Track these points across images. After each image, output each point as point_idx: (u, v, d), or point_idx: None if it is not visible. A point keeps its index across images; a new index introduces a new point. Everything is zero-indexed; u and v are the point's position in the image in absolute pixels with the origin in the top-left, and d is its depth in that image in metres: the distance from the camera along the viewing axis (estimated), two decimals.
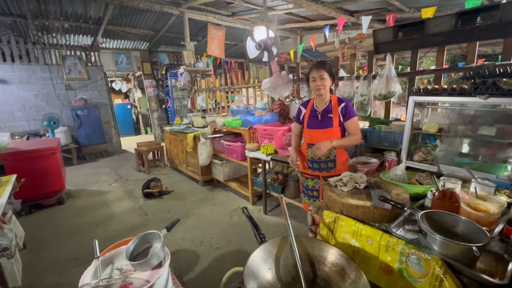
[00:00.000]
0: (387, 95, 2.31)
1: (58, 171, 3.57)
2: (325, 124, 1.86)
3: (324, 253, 0.98)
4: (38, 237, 2.78)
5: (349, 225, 1.16)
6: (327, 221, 1.25)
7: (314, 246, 1.01)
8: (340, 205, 1.22)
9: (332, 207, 1.29)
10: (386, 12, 4.99)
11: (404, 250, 0.97)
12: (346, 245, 1.15)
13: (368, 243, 1.08)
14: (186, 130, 4.42)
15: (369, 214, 1.15)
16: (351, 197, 1.24)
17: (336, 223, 1.22)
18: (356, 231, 1.13)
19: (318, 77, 1.79)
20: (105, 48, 6.99)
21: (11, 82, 5.59)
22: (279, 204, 3.29)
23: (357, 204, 1.16)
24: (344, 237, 1.16)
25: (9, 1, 4.31)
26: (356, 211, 1.17)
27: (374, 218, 1.15)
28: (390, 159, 1.94)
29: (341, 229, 1.18)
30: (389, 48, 2.30)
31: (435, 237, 0.91)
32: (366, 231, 1.10)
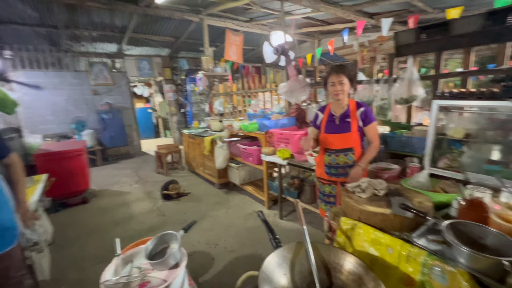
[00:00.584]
0: (409, 99, 2.23)
1: (84, 171, 3.77)
2: (343, 129, 1.83)
3: (341, 260, 0.96)
4: (63, 234, 2.93)
5: (367, 232, 1.12)
6: (344, 228, 1.22)
7: (330, 253, 0.99)
8: (358, 212, 1.19)
9: (349, 213, 1.25)
10: (407, 13, 4.84)
11: (427, 261, 0.93)
12: (364, 253, 1.11)
13: (388, 252, 1.04)
14: (203, 134, 4.51)
15: (389, 222, 1.10)
16: (369, 204, 1.20)
17: (353, 230, 1.18)
18: (374, 239, 1.09)
19: (337, 82, 1.76)
20: (129, 55, 7.32)
21: (45, 87, 6.00)
22: (295, 209, 3.25)
23: (376, 212, 1.12)
24: (362, 245, 1.13)
25: (44, 13, 4.65)
26: (375, 219, 1.13)
27: (394, 226, 1.10)
28: (412, 165, 1.86)
29: (359, 237, 1.15)
30: (411, 50, 2.23)
31: (462, 249, 0.86)
32: (385, 239, 1.06)
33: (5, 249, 1.36)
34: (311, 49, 7.77)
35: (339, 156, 1.85)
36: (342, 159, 1.85)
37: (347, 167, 1.85)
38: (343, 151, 1.84)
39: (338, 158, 1.86)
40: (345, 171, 1.85)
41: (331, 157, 1.89)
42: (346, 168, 1.85)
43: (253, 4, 4.70)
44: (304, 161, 2.55)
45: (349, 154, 1.83)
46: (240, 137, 3.97)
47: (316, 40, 7.48)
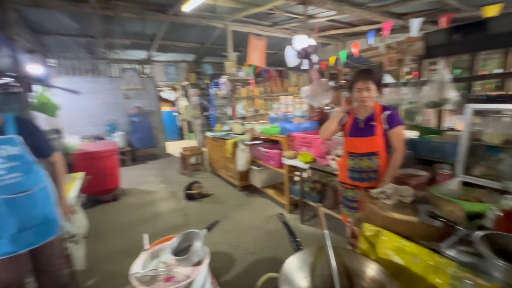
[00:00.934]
0: (440, 103, 2.12)
1: (115, 170, 4.03)
2: (367, 133, 1.78)
3: (363, 267, 0.94)
4: (97, 229, 3.14)
5: (392, 240, 1.09)
6: (368, 235, 1.19)
7: (352, 259, 0.98)
8: (383, 219, 1.16)
9: (373, 220, 1.22)
10: (439, 12, 4.60)
11: (457, 273, 0.88)
12: (388, 261, 1.08)
13: (414, 262, 1.00)
14: (226, 137, 4.61)
15: (416, 231, 1.06)
16: (395, 211, 1.16)
17: (377, 237, 1.15)
18: (400, 247, 1.05)
19: (364, 88, 1.71)
20: (157, 61, 7.72)
21: (82, 92, 6.49)
22: (316, 214, 3.20)
23: (401, 219, 1.09)
24: (386, 253, 1.10)
25: (84, 24, 5.08)
26: (400, 226, 1.10)
27: (421, 235, 1.06)
28: (442, 172, 1.77)
29: (383, 244, 1.12)
30: (442, 51, 2.12)
31: (497, 263, 0.81)
32: (411, 248, 1.02)
33: (49, 238, 1.50)
34: (335, 51, 7.64)
35: (363, 160, 1.81)
36: (366, 163, 1.81)
37: (371, 172, 1.80)
38: (367, 155, 1.79)
39: (362, 162, 1.82)
40: (369, 175, 1.81)
41: (354, 161, 1.85)
42: (370, 172, 1.80)
43: (277, 9, 4.75)
44: (326, 166, 2.51)
45: (374, 158, 1.78)
46: (261, 140, 4.00)
47: (340, 42, 7.34)
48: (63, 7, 3.98)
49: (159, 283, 1.13)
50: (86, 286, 2.12)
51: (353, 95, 1.81)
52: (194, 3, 3.90)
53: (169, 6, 4.59)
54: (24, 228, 1.39)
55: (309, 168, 2.71)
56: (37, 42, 5.49)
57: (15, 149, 1.36)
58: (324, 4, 3.95)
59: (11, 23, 3.53)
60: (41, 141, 1.52)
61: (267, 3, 4.55)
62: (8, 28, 3.45)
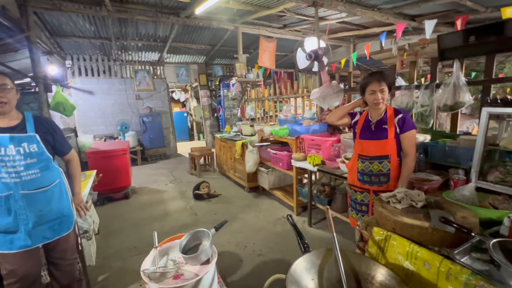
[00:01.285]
0: (454, 106, 2.07)
1: (126, 169, 4.11)
2: (379, 135, 1.76)
3: (372, 271, 0.93)
4: (108, 226, 3.22)
5: (402, 245, 1.07)
6: (377, 239, 1.18)
7: (361, 263, 0.97)
8: (393, 223, 1.14)
9: (383, 224, 1.21)
10: (455, 14, 4.49)
11: (470, 281, 0.86)
12: (398, 266, 1.06)
13: (425, 268, 0.98)
14: (235, 138, 4.64)
15: (427, 236, 1.04)
16: (405, 215, 1.14)
17: (387, 241, 1.13)
18: (410, 252, 1.03)
19: (378, 90, 1.70)
20: (169, 62, 7.86)
21: (96, 93, 6.71)
22: (325, 217, 3.17)
23: (412, 224, 1.07)
24: (396, 258, 1.08)
25: (100, 27, 5.23)
26: (411, 231, 1.08)
27: (433, 241, 1.03)
28: (456, 177, 1.72)
29: (393, 249, 1.10)
30: (457, 53, 2.08)
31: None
32: (422, 254, 1.00)
33: (64, 234, 1.56)
34: (346, 53, 7.57)
35: (373, 163, 1.79)
36: (376, 166, 1.78)
37: (381, 175, 1.77)
38: (378, 158, 1.77)
39: (372, 166, 1.80)
40: (379, 179, 1.78)
41: (364, 163, 1.83)
42: (380, 176, 1.78)
43: (287, 11, 4.76)
44: (336, 168, 2.49)
45: (385, 161, 1.76)
46: (270, 142, 4.01)
47: (351, 44, 7.27)
48: (80, 10, 4.12)
49: (168, 280, 1.15)
50: (97, 282, 2.17)
51: (366, 97, 1.79)
52: (206, 6, 3.96)
53: (181, 9, 4.68)
54: (40, 223, 1.45)
55: (318, 171, 2.69)
56: (54, 44, 5.70)
57: (34, 146, 1.42)
58: (336, 6, 3.93)
59: (33, 26, 3.68)
60: (58, 139, 1.58)
61: (278, 6, 4.57)
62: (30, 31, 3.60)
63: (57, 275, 1.64)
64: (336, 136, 2.92)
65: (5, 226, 1.37)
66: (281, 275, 1.08)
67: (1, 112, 1.35)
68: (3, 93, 1.33)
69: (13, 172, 1.35)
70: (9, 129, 1.38)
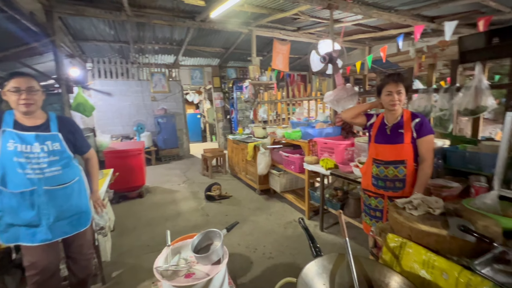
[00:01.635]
0: (476, 110, 1.99)
1: (141, 169, 4.22)
2: (395, 140, 1.72)
3: (386, 278, 0.91)
4: (123, 223, 3.31)
5: (418, 253, 1.04)
6: (392, 246, 1.14)
7: (374, 269, 0.94)
8: (408, 230, 1.11)
9: (398, 230, 1.17)
10: (477, 15, 4.32)
11: None
12: (413, 275, 1.03)
13: (443, 278, 0.94)
14: (247, 140, 4.66)
15: (445, 245, 1.00)
16: (422, 222, 1.11)
17: (402, 249, 1.10)
18: (427, 261, 1.00)
19: (395, 91, 1.67)
20: (184, 65, 8.02)
21: (114, 94, 6.94)
22: (336, 222, 3.12)
23: (429, 231, 1.03)
24: (411, 266, 1.04)
25: (119, 31, 5.43)
26: (428, 239, 1.04)
27: (452, 250, 0.99)
28: (477, 185, 1.65)
29: (408, 257, 1.06)
30: (479, 56, 1.99)
31: None
32: (440, 263, 0.96)
33: (82, 229, 1.62)
34: (361, 56, 7.46)
35: (388, 168, 1.75)
36: (391, 171, 1.74)
37: (397, 181, 1.73)
38: (394, 163, 1.73)
39: (387, 170, 1.75)
40: (394, 184, 1.74)
41: (379, 168, 1.79)
42: (395, 181, 1.73)
43: (302, 13, 4.75)
44: (349, 172, 2.45)
45: (400, 167, 1.71)
46: (282, 145, 3.99)
47: (366, 47, 7.15)
48: (101, 15, 4.29)
49: (180, 278, 1.17)
50: (111, 277, 2.23)
51: (382, 99, 1.76)
52: (221, 10, 4.02)
53: (197, 13, 4.78)
54: (60, 218, 1.51)
55: (330, 174, 2.66)
56: (77, 48, 5.97)
57: (56, 145, 1.49)
58: (351, 9, 3.89)
59: (57, 31, 3.87)
60: (79, 138, 1.65)
61: (292, 8, 4.57)
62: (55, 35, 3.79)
63: (74, 269, 1.71)
64: (350, 140, 2.87)
65: (29, 220, 1.44)
66: (292, 278, 1.07)
67: (28, 112, 1.43)
68: (31, 94, 1.41)
69: (37, 169, 1.42)
70: (34, 128, 1.46)
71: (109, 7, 4.25)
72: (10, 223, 1.43)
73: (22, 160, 1.38)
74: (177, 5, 4.37)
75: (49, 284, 1.54)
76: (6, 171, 1.39)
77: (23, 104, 1.39)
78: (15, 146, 1.37)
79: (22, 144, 1.39)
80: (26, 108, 1.40)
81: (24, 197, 1.41)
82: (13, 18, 3.14)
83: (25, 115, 1.44)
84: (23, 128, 1.42)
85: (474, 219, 1.10)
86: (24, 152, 1.39)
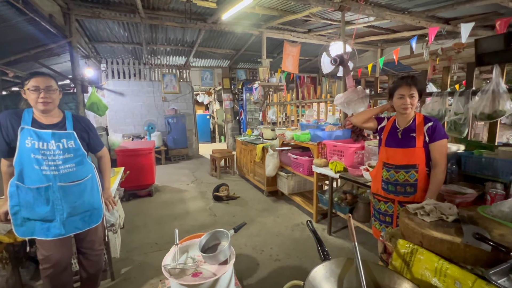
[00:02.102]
0: (493, 115, 1.92)
1: (151, 168, 4.29)
2: (406, 144, 1.68)
3: (396, 285, 0.89)
4: (132, 221, 3.37)
5: (430, 260, 1.01)
6: (402, 252, 1.12)
7: (384, 276, 0.93)
8: (420, 236, 1.08)
9: (409, 236, 1.14)
10: (495, 16, 4.19)
11: None
12: (424, 283, 1.00)
13: (455, 287, 0.91)
14: (255, 141, 4.66)
15: (459, 253, 0.97)
16: (434, 229, 1.08)
17: (413, 255, 1.07)
18: (439, 269, 0.97)
19: (407, 95, 1.62)
20: (194, 66, 8.13)
21: (126, 94, 7.11)
22: (345, 226, 3.07)
23: (442, 238, 1.00)
24: (422, 274, 1.02)
25: (133, 33, 5.56)
26: (440, 246, 1.01)
27: (465, 258, 0.96)
28: (494, 192, 1.59)
29: (420, 264, 1.04)
30: (497, 58, 1.94)
31: None
32: (453, 271, 0.93)
33: (93, 225, 1.66)
34: (372, 58, 7.35)
35: (399, 173, 1.71)
36: (402, 176, 1.70)
37: (408, 186, 1.69)
38: (405, 168, 1.69)
39: (398, 175, 1.72)
40: (405, 189, 1.70)
41: (390, 172, 1.75)
42: (406, 186, 1.69)
43: (313, 15, 4.73)
44: (359, 176, 2.41)
45: (412, 171, 1.67)
46: (291, 147, 3.97)
47: (378, 49, 7.05)
48: (116, 17, 4.41)
49: (187, 277, 1.18)
50: (120, 274, 2.28)
51: (393, 102, 1.72)
52: (233, 12, 4.06)
53: (208, 15, 4.84)
54: (73, 213, 1.56)
55: (339, 178, 2.62)
56: (92, 49, 6.14)
57: (71, 142, 1.54)
58: (363, 11, 3.84)
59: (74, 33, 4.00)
60: (93, 137, 1.70)
61: (304, 10, 4.57)
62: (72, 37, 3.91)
63: (85, 264, 1.75)
64: (360, 143, 2.83)
65: (44, 215, 1.48)
66: (299, 281, 1.06)
67: (46, 110, 1.48)
68: (49, 94, 1.46)
69: (53, 166, 1.47)
70: (51, 126, 1.51)
71: (124, 9, 4.37)
72: (27, 217, 1.48)
73: (39, 157, 1.43)
74: (189, 7, 4.44)
75: (61, 278, 1.59)
76: (24, 167, 1.44)
77: (41, 103, 1.44)
78: (33, 143, 1.43)
79: (39, 141, 1.44)
80: (44, 107, 1.45)
81: (40, 193, 1.46)
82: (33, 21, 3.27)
83: (43, 114, 1.50)
84: (40, 126, 1.48)
85: (490, 227, 1.06)
86: (41, 149, 1.44)
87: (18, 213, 1.47)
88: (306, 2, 3.59)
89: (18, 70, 4.95)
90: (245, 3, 3.63)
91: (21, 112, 1.49)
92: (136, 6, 4.12)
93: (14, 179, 1.46)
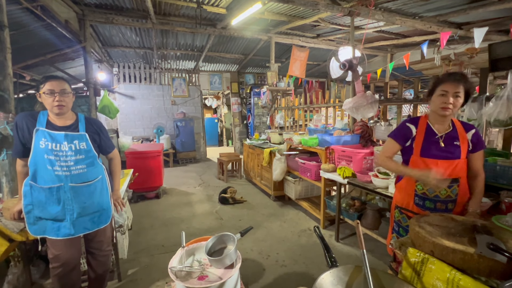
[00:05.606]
0: (508, 121, 1.87)
1: (159, 170, 4.34)
2: (451, 154, 1.43)
3: None
4: (140, 222, 3.40)
5: (442, 271, 0.98)
6: (413, 261, 1.09)
7: (393, 285, 0.90)
8: (431, 245, 1.05)
9: (419, 245, 1.11)
10: (510, 21, 4.10)
11: None
12: None
13: None
14: (263, 145, 4.66)
15: (472, 264, 0.94)
16: (446, 238, 1.05)
17: (424, 265, 1.05)
18: (451, 279, 0.94)
19: (452, 92, 1.36)
20: (203, 70, 8.24)
21: (137, 98, 7.25)
22: (353, 233, 3.02)
23: (454, 248, 0.97)
24: (433, 284, 0.99)
25: (144, 38, 5.70)
26: (453, 256, 0.98)
27: (479, 269, 0.93)
28: (509, 201, 1.54)
29: (431, 274, 1.01)
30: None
31: None
32: (466, 282, 0.90)
33: (102, 226, 1.68)
34: (382, 63, 7.29)
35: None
36: (444, 191, 1.46)
37: (449, 202, 1.47)
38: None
39: (439, 190, 1.47)
40: (446, 206, 1.47)
41: (428, 187, 1.47)
42: (448, 203, 1.47)
43: (322, 20, 4.74)
44: (368, 182, 2.37)
45: (454, 186, 1.44)
46: (299, 151, 3.95)
47: (388, 54, 6.98)
48: (129, 23, 4.53)
49: (193, 280, 1.18)
50: (127, 275, 2.29)
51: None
52: (242, 17, 4.11)
53: (218, 20, 4.91)
54: (83, 214, 1.58)
55: (348, 183, 2.59)
56: (105, 53, 6.31)
57: (83, 144, 1.58)
58: (373, 16, 3.82)
59: (88, 38, 4.12)
60: (104, 139, 1.74)
61: (313, 16, 4.58)
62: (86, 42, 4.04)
63: (93, 264, 1.77)
64: (369, 148, 2.80)
65: (55, 215, 1.52)
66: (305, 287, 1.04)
67: (60, 113, 1.52)
68: (63, 97, 1.51)
69: (65, 166, 1.50)
70: (64, 127, 1.55)
71: (137, 15, 4.48)
72: (39, 216, 1.52)
73: (52, 158, 1.47)
74: (199, 13, 4.52)
75: (70, 277, 1.61)
76: (38, 168, 1.49)
77: (56, 106, 1.48)
78: (46, 144, 1.47)
79: (52, 142, 1.48)
80: (59, 110, 1.50)
81: (52, 193, 1.49)
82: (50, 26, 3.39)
83: (57, 116, 1.54)
84: (54, 128, 1.52)
85: (506, 238, 1.03)
86: (54, 150, 1.48)
87: (31, 212, 1.51)
88: (315, 8, 3.60)
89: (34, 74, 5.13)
90: (255, 8, 3.67)
91: (36, 114, 1.54)
92: (148, 12, 4.22)
93: (28, 179, 1.51)
